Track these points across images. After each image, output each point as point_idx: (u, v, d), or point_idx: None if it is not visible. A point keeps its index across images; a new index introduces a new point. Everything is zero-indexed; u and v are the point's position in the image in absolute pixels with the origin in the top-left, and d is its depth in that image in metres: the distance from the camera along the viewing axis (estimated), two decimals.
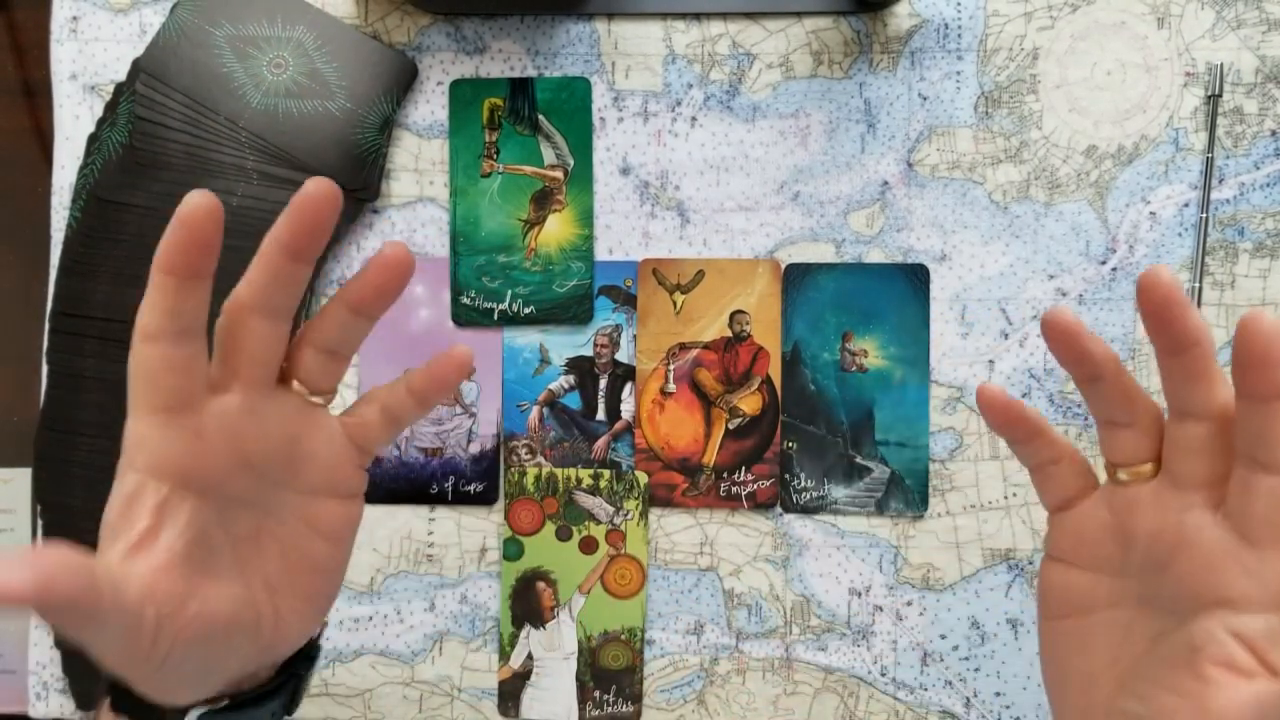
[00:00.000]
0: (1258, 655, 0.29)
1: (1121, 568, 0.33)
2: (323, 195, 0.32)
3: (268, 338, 0.34)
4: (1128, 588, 0.33)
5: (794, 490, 0.53)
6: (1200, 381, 0.31)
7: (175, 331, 0.31)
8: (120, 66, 0.54)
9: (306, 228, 0.33)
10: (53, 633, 0.53)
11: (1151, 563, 0.32)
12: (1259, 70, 0.52)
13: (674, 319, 0.53)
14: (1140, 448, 0.33)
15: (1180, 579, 0.31)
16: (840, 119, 0.53)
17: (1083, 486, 0.34)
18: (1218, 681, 0.29)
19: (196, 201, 0.31)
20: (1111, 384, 0.32)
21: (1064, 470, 0.34)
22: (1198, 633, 0.30)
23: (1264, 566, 0.29)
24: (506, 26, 0.54)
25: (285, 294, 0.34)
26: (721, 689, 0.53)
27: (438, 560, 0.54)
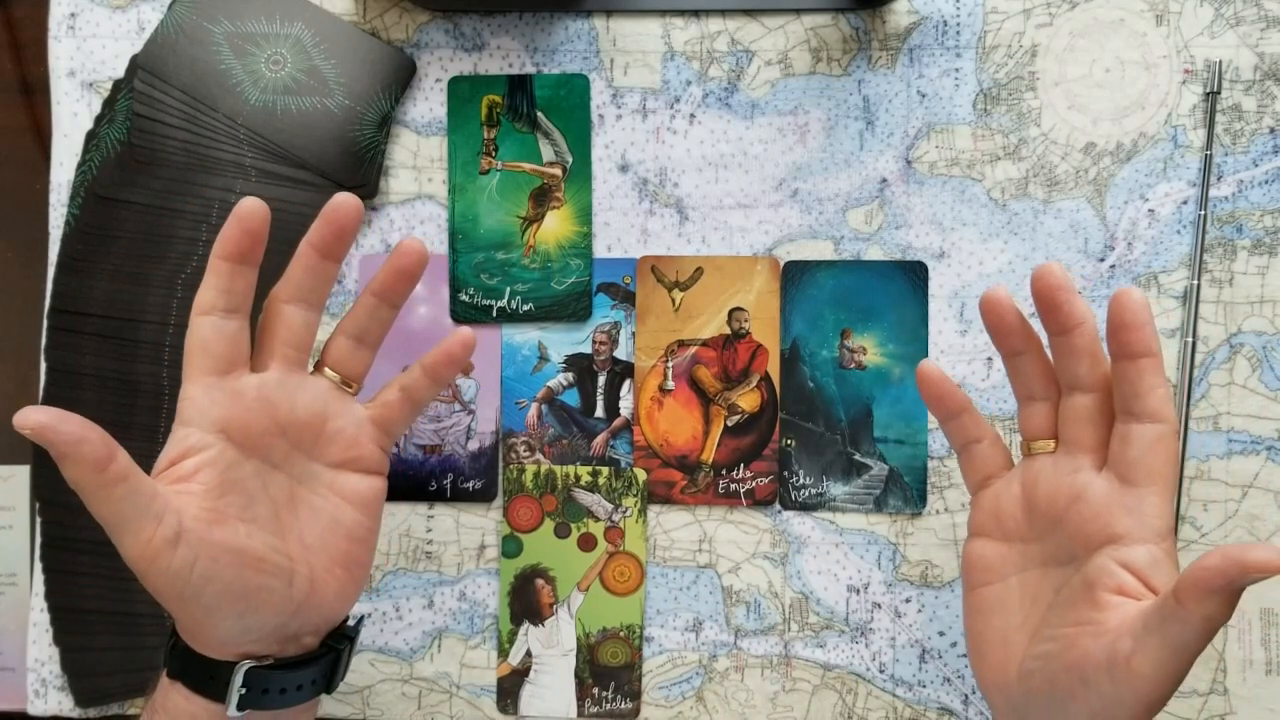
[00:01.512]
0: (1143, 580, 0.34)
1: (1028, 534, 0.39)
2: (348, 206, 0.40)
3: (300, 324, 0.41)
4: (1034, 551, 0.39)
5: (792, 487, 0.53)
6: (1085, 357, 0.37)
7: (225, 307, 0.39)
8: (118, 63, 0.54)
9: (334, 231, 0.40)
10: (52, 629, 0.53)
11: (1050, 522, 0.38)
12: (1258, 67, 0.52)
13: (673, 316, 0.53)
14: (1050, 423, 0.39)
15: (1074, 530, 0.37)
16: (839, 116, 0.53)
17: (1000, 465, 0.41)
18: (1111, 604, 0.34)
19: (251, 202, 0.39)
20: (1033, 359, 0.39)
21: (985, 449, 0.41)
22: (1091, 570, 0.35)
23: (1142, 504, 0.35)
24: (505, 23, 0.54)
25: (317, 287, 0.41)
26: (720, 686, 0.53)
27: (436, 557, 0.54)
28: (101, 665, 0.52)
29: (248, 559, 0.37)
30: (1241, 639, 0.51)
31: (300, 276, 0.41)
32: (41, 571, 0.53)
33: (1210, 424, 0.51)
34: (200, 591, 0.36)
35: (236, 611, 0.37)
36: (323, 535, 0.41)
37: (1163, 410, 0.36)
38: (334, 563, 0.41)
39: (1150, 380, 0.35)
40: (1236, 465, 0.51)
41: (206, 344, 0.38)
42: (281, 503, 0.40)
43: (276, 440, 0.40)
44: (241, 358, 0.39)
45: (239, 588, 0.37)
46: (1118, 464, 0.36)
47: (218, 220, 0.52)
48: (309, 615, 0.40)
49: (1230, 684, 0.51)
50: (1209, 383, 0.52)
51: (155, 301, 0.53)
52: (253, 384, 0.39)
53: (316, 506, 0.41)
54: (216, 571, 0.36)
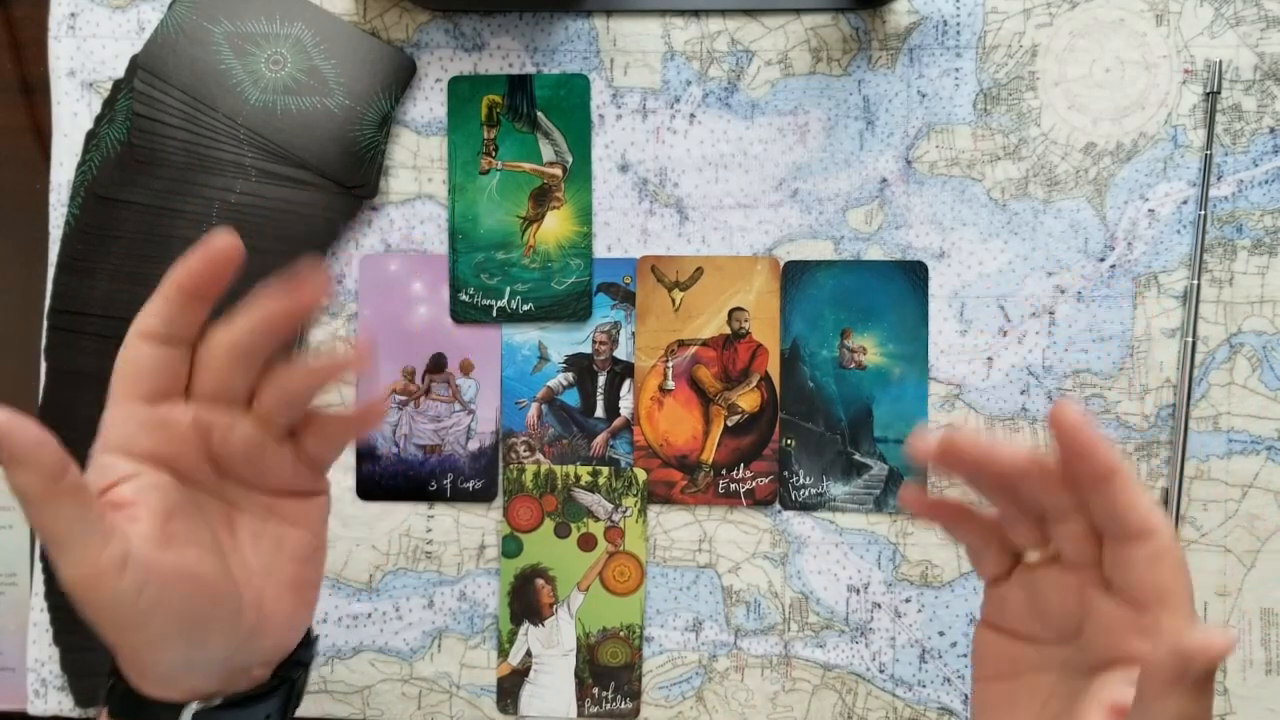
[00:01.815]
0: None
1: (1042, 638, 0.36)
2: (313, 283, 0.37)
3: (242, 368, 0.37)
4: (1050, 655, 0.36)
5: (792, 487, 0.53)
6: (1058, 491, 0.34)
7: (169, 336, 0.35)
8: (118, 63, 0.54)
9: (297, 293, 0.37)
10: (52, 629, 0.53)
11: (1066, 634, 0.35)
12: (1258, 67, 0.52)
13: (673, 316, 0.53)
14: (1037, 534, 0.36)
15: (1089, 647, 0.34)
16: (839, 116, 0.53)
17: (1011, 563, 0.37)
18: None
19: (223, 239, 0.35)
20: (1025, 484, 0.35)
21: (993, 552, 0.37)
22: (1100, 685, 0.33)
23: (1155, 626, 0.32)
24: (505, 23, 0.54)
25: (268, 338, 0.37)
26: (720, 686, 0.53)
27: (436, 557, 0.54)
28: (101, 665, 0.52)
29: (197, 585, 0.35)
30: (1241, 639, 0.51)
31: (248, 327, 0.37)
32: (41, 571, 0.53)
33: (1210, 424, 0.51)
34: (147, 620, 0.33)
35: (183, 643, 0.35)
36: (267, 558, 0.38)
37: (1150, 523, 0.32)
38: (282, 586, 0.38)
39: (1125, 499, 0.32)
40: (1236, 465, 0.51)
41: (141, 370, 0.35)
42: (220, 527, 0.37)
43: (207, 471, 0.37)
44: (177, 388, 0.36)
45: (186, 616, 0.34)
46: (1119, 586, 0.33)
47: (218, 220, 0.52)
48: (259, 644, 0.38)
49: (1230, 684, 0.51)
50: (1209, 383, 0.52)
51: None
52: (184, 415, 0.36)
53: (256, 530, 0.38)
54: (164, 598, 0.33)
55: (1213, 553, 0.51)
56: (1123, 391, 0.52)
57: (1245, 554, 0.51)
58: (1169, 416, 0.52)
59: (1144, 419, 0.52)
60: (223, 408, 0.37)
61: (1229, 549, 0.51)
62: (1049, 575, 0.36)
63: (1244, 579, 0.51)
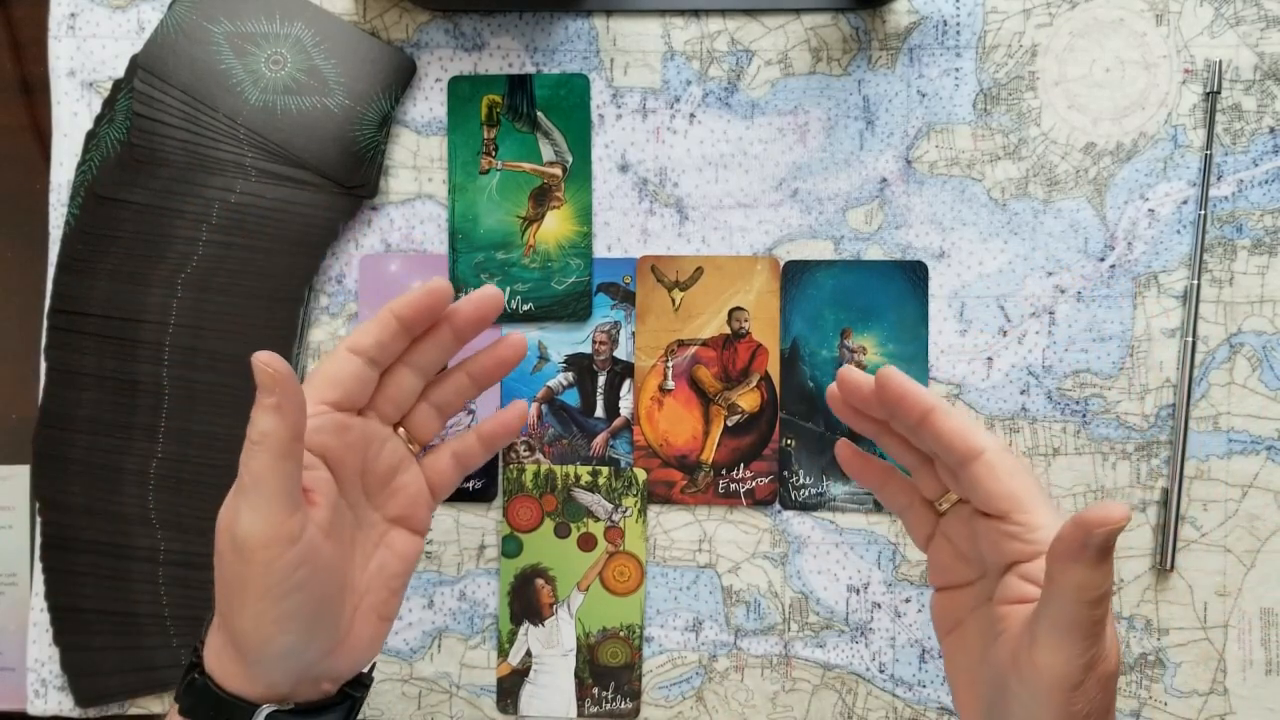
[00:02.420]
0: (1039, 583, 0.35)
1: (968, 577, 0.40)
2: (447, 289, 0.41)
3: (410, 389, 0.43)
4: (973, 593, 0.40)
5: (792, 487, 0.53)
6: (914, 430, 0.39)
7: (374, 358, 0.40)
8: (118, 63, 0.54)
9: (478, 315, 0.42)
10: (52, 629, 0.53)
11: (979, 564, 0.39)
12: (1258, 67, 0.52)
13: (673, 316, 0.53)
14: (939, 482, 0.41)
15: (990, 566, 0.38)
16: (839, 116, 0.53)
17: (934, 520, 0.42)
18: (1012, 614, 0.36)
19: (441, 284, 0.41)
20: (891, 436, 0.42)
21: (917, 511, 0.43)
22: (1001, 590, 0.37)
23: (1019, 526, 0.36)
24: (505, 23, 0.54)
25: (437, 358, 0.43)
26: (720, 686, 0.53)
27: (436, 557, 0.54)
28: (101, 665, 0.52)
29: (333, 580, 0.38)
30: (1241, 639, 0.51)
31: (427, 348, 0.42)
32: (41, 571, 0.53)
33: (1210, 424, 0.51)
34: (289, 595, 0.36)
35: (303, 629, 0.37)
36: (371, 580, 0.42)
37: (974, 444, 0.37)
38: (373, 609, 0.42)
39: (947, 428, 0.37)
40: (1236, 465, 0.51)
41: (341, 379, 0.40)
42: (345, 539, 0.41)
43: (357, 482, 0.41)
44: (361, 402, 0.41)
45: (316, 605, 0.37)
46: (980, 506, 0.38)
47: (218, 220, 0.52)
48: (340, 657, 0.40)
49: (1230, 684, 0.51)
50: (1209, 383, 0.52)
51: (155, 301, 0.53)
52: (358, 426, 0.41)
53: (369, 552, 0.42)
54: (311, 580, 0.36)
55: (1213, 553, 0.51)
56: (1123, 391, 0.52)
57: (1245, 554, 0.51)
58: (1169, 416, 0.52)
59: (1144, 419, 0.52)
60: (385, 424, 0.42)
61: (1229, 549, 0.51)
62: (953, 518, 0.41)
63: (1244, 579, 0.51)
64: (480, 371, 0.45)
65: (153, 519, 0.52)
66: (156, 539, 0.52)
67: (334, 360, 0.40)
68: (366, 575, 0.42)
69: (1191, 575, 0.52)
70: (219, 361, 0.52)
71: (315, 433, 0.38)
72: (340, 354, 0.40)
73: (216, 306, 0.52)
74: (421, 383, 0.43)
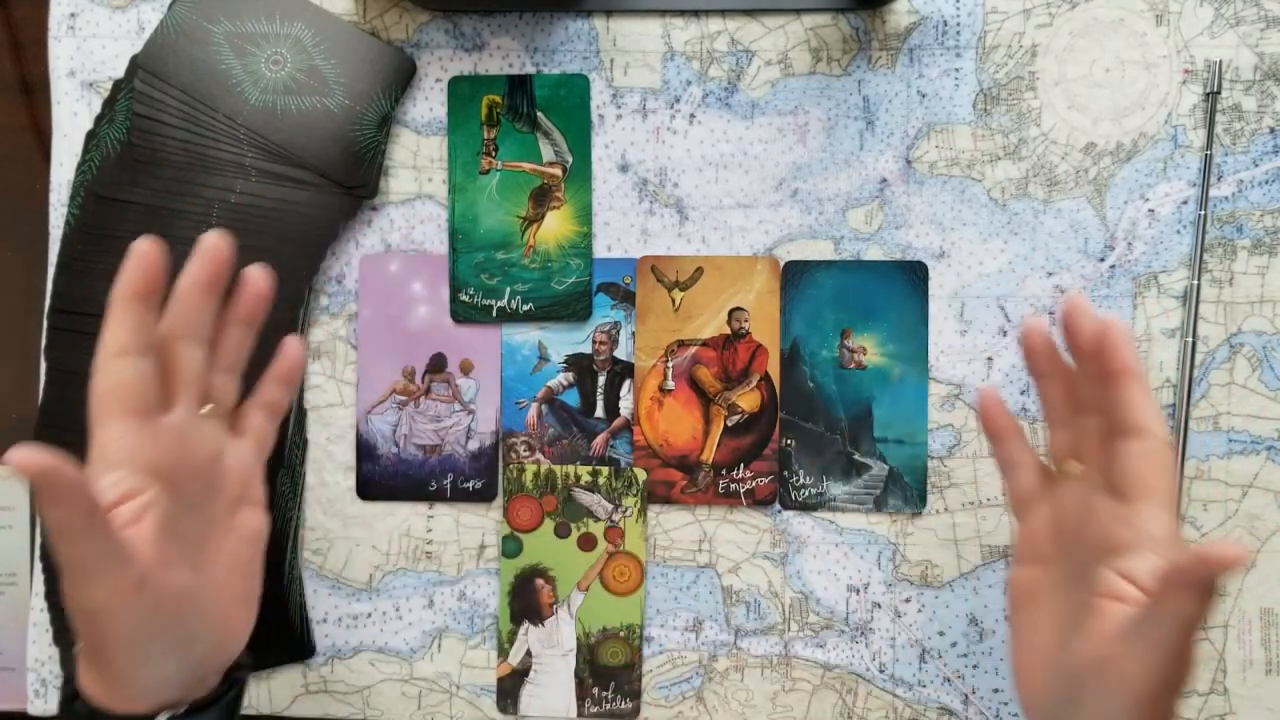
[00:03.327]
0: (1139, 585, 0.35)
1: (1057, 555, 0.40)
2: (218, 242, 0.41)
3: (194, 361, 0.41)
4: (1062, 571, 0.40)
5: (792, 487, 0.53)
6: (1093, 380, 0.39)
7: (140, 347, 0.38)
8: (118, 63, 0.53)
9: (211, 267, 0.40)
10: (52, 629, 0.53)
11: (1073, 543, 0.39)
12: (1257, 67, 0.52)
13: (673, 316, 0.53)
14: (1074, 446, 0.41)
15: (1086, 548, 0.38)
16: (839, 116, 0.53)
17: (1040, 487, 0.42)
18: (1109, 612, 0.35)
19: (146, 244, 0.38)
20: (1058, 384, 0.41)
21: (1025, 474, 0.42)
22: (1095, 580, 0.37)
23: (1136, 515, 0.36)
24: (505, 23, 0.54)
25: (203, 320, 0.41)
26: (720, 686, 0.53)
27: (436, 557, 0.54)
28: None
29: (192, 602, 0.38)
30: (1241, 639, 0.51)
31: (190, 314, 0.40)
32: (41, 571, 0.53)
33: (1210, 424, 0.51)
34: (155, 638, 0.36)
35: (178, 656, 0.37)
36: (229, 573, 0.41)
37: (1146, 423, 0.37)
38: (237, 599, 0.41)
39: (1132, 396, 0.37)
40: (1236, 465, 0.51)
41: (127, 385, 0.38)
42: (196, 541, 0.40)
43: (190, 480, 0.39)
44: (155, 397, 0.39)
45: (186, 632, 0.37)
46: (1114, 480, 0.38)
47: (218, 220, 0.52)
48: (220, 654, 0.41)
49: (1230, 684, 0.51)
50: (1209, 383, 0.52)
51: None
52: (165, 425, 0.39)
53: (219, 545, 0.41)
54: (172, 617, 0.36)
55: None
56: None
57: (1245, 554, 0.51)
58: (1169, 416, 0.52)
59: None
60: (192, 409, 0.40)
61: None
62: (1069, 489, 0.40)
63: (1244, 579, 0.51)
64: (244, 314, 0.43)
65: None
66: None
67: (105, 373, 0.38)
68: (223, 569, 0.41)
69: None
70: None
71: (134, 453, 0.37)
72: (106, 364, 0.38)
73: None
74: (202, 351, 0.41)
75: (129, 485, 0.37)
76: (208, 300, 0.41)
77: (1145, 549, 0.36)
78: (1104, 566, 0.37)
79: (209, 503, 0.41)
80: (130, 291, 0.38)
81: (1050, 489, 0.42)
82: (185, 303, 0.40)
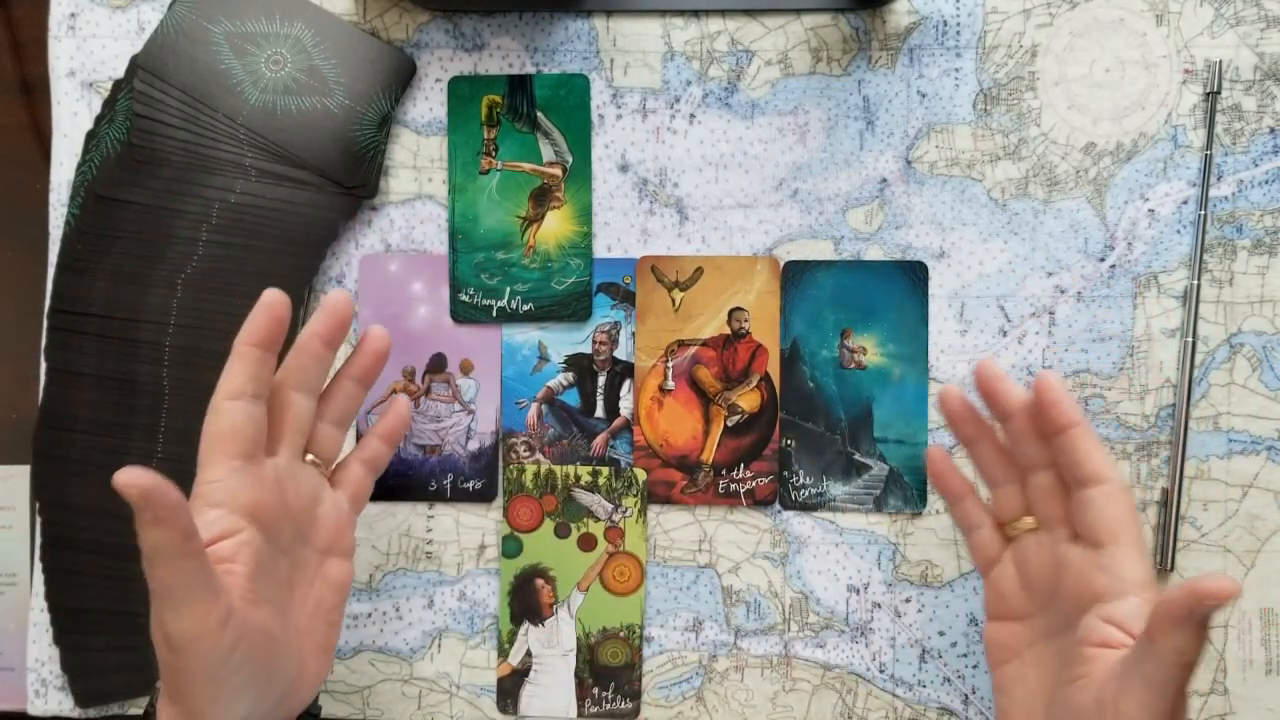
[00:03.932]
0: (1126, 630, 0.36)
1: (1032, 609, 0.41)
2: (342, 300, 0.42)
3: (305, 412, 0.42)
4: (1040, 624, 0.41)
5: (792, 487, 0.53)
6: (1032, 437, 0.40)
7: (255, 393, 0.40)
8: (118, 63, 0.54)
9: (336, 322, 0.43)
10: (52, 629, 0.53)
11: (1047, 596, 0.40)
12: (1258, 67, 0.52)
13: (673, 316, 0.53)
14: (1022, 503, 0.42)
15: (1065, 598, 0.39)
16: (839, 116, 0.53)
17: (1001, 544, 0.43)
18: (1098, 657, 0.36)
19: (276, 294, 0.40)
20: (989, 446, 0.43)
21: (986, 534, 0.43)
22: (1081, 630, 0.37)
23: (1115, 561, 0.37)
24: (505, 23, 0.54)
25: (321, 374, 0.43)
26: (720, 686, 0.53)
27: (436, 557, 0.54)
28: (101, 665, 0.52)
29: (273, 643, 0.38)
30: (1241, 639, 0.51)
31: (307, 365, 0.42)
32: (41, 571, 0.53)
33: (1210, 424, 0.51)
34: (235, 673, 0.36)
35: (254, 695, 0.38)
36: (310, 619, 0.42)
37: (1103, 471, 0.38)
38: (317, 646, 0.42)
39: (1083, 447, 0.38)
40: (1236, 465, 0.51)
41: (238, 428, 0.39)
42: (282, 583, 0.41)
43: (285, 525, 0.41)
44: (264, 442, 0.40)
45: (265, 672, 0.38)
46: (1082, 530, 0.39)
47: (218, 220, 0.52)
48: (294, 699, 0.41)
49: (1230, 684, 0.51)
50: (1209, 383, 0.52)
51: (155, 301, 0.53)
52: (269, 468, 0.40)
53: (305, 591, 0.42)
54: (254, 654, 0.37)
55: (1213, 553, 0.51)
56: (1123, 391, 0.52)
57: (1245, 554, 0.51)
58: (1169, 416, 0.52)
59: (1144, 419, 0.52)
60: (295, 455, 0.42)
61: (1229, 549, 0.51)
62: (1032, 542, 0.41)
63: (1244, 579, 0.51)
64: (360, 372, 0.45)
65: None
66: None
67: (218, 415, 0.39)
68: (306, 616, 0.42)
69: (1191, 575, 0.51)
70: (219, 361, 0.51)
71: (235, 494, 0.38)
72: (222, 407, 0.39)
73: (216, 306, 0.52)
74: (313, 402, 0.43)
75: (227, 524, 0.38)
76: (326, 354, 0.43)
77: (1127, 593, 0.37)
78: (1087, 615, 0.37)
79: (300, 549, 0.42)
80: (253, 339, 0.40)
81: (1012, 544, 0.42)
82: (303, 354, 0.42)
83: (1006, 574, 0.42)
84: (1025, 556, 0.41)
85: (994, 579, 0.43)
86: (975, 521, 0.44)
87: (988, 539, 0.43)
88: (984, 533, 0.43)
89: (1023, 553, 0.42)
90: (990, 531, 0.43)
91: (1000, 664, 0.42)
